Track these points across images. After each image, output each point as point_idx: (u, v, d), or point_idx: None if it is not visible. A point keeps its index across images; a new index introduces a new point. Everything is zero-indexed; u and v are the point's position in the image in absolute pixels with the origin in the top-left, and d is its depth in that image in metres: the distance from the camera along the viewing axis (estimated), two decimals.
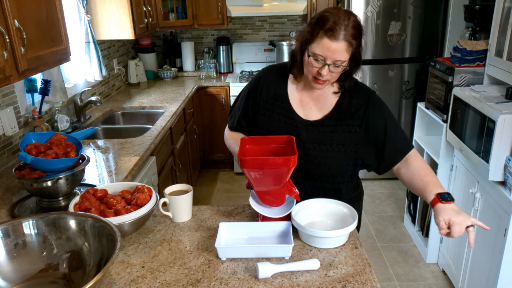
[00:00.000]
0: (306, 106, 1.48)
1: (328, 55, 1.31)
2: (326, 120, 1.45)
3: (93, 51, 2.88)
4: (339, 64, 1.33)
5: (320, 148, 1.44)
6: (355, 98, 1.45)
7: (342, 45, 1.29)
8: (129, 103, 3.25)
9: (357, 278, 1.15)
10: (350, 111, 1.44)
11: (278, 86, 1.50)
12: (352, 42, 1.31)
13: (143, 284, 1.14)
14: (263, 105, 1.50)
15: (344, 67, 1.35)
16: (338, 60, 1.32)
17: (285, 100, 1.48)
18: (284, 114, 1.48)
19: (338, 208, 1.40)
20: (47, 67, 1.79)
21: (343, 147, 1.44)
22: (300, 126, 1.46)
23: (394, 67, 3.69)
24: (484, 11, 2.48)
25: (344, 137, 1.44)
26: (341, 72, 1.37)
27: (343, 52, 1.31)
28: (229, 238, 1.31)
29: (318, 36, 1.31)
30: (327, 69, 1.33)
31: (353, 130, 1.44)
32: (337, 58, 1.31)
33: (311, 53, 1.34)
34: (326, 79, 1.37)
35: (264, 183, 1.30)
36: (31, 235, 1.18)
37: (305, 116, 1.47)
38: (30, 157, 1.45)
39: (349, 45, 1.31)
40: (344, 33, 1.28)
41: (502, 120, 1.87)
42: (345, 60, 1.33)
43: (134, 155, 2.11)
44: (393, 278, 2.72)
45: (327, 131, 1.45)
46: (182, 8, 4.00)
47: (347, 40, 1.29)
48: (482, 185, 2.13)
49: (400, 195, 3.74)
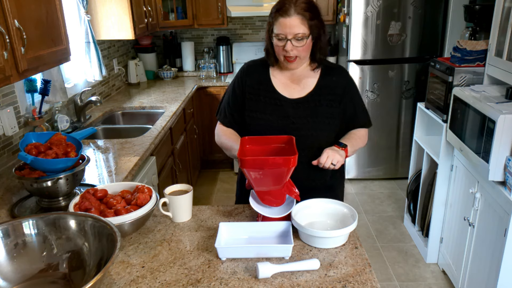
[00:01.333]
0: (289, 87, 1.60)
1: (286, 31, 1.45)
2: (310, 96, 1.57)
3: (93, 51, 2.88)
4: (299, 37, 1.45)
5: (307, 120, 1.55)
6: (334, 76, 1.61)
7: (296, 19, 1.43)
8: (129, 103, 3.25)
9: (357, 278, 1.15)
10: (331, 87, 1.59)
11: (261, 74, 1.62)
12: (305, 14, 1.44)
13: (143, 284, 1.14)
14: (249, 91, 1.61)
15: (305, 39, 1.46)
16: (297, 33, 1.44)
17: (269, 84, 1.60)
18: (269, 96, 1.59)
19: (338, 208, 1.40)
20: (47, 67, 1.79)
21: (327, 119, 1.57)
22: (286, 104, 1.57)
23: (394, 67, 3.69)
24: (484, 11, 2.48)
25: (328, 110, 1.57)
26: (304, 45, 1.48)
27: (299, 25, 1.44)
28: (229, 238, 1.31)
29: (275, 19, 1.47)
30: (290, 44, 1.46)
31: (334, 105, 1.58)
32: (295, 32, 1.44)
33: (274, 35, 1.48)
34: (294, 55, 1.49)
35: (264, 183, 1.30)
36: (31, 235, 1.18)
37: (289, 95, 1.58)
38: (30, 157, 1.45)
39: (303, 18, 1.44)
40: (294, 8, 1.43)
41: (502, 120, 1.87)
42: (304, 33, 1.45)
43: (134, 155, 2.11)
44: (393, 278, 2.72)
45: (312, 106, 1.57)
46: (182, 8, 4.00)
47: (299, 13, 1.43)
48: (482, 185, 2.13)
49: (400, 195, 3.74)
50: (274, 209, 1.36)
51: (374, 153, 3.94)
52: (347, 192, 3.84)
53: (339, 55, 4.10)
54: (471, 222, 2.27)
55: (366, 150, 3.92)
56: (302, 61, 1.55)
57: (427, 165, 2.84)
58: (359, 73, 3.70)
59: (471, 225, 2.27)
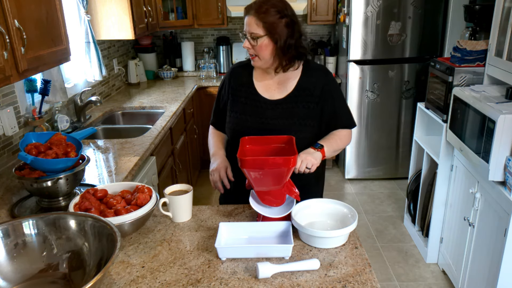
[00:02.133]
0: (270, 89, 1.63)
1: (246, 29, 1.51)
2: (288, 98, 1.60)
3: (93, 51, 2.88)
4: (254, 37, 1.49)
5: (283, 122, 1.59)
6: (314, 77, 1.62)
7: (251, 18, 1.48)
8: (129, 103, 3.25)
9: (357, 278, 1.15)
10: (310, 89, 1.60)
11: (244, 76, 1.67)
12: (260, 16, 1.47)
13: (143, 284, 1.14)
14: (232, 92, 1.67)
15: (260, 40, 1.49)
16: (252, 33, 1.49)
17: (251, 86, 1.65)
18: (250, 98, 1.64)
19: (338, 208, 1.40)
20: (47, 67, 1.79)
21: (302, 121, 1.59)
22: (265, 106, 1.61)
23: (394, 67, 3.69)
24: (484, 11, 2.48)
25: (304, 112, 1.59)
26: (259, 46, 1.50)
27: (253, 25, 1.48)
28: (229, 238, 1.31)
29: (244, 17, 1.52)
30: (246, 41, 1.52)
31: (311, 106, 1.60)
32: (250, 31, 1.49)
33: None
34: (252, 53, 1.53)
35: (264, 183, 1.30)
36: (31, 235, 1.18)
37: (270, 97, 1.62)
38: (30, 157, 1.44)
39: (258, 19, 1.47)
40: (254, 9, 1.48)
41: (502, 120, 1.86)
42: (257, 33, 1.48)
43: (134, 155, 2.11)
44: (393, 278, 2.72)
45: (289, 107, 1.60)
46: (182, 8, 4.00)
47: (254, 14, 1.47)
48: (482, 185, 2.13)
49: (400, 195, 3.74)
50: (274, 209, 1.36)
51: (374, 153, 3.94)
52: (347, 192, 3.85)
53: (339, 55, 4.10)
54: (471, 222, 2.27)
55: (366, 150, 3.92)
56: (264, 62, 1.56)
57: (427, 165, 2.84)
58: (359, 73, 3.70)
59: (471, 225, 2.27)
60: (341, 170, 4.21)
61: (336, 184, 3.99)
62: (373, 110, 3.81)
